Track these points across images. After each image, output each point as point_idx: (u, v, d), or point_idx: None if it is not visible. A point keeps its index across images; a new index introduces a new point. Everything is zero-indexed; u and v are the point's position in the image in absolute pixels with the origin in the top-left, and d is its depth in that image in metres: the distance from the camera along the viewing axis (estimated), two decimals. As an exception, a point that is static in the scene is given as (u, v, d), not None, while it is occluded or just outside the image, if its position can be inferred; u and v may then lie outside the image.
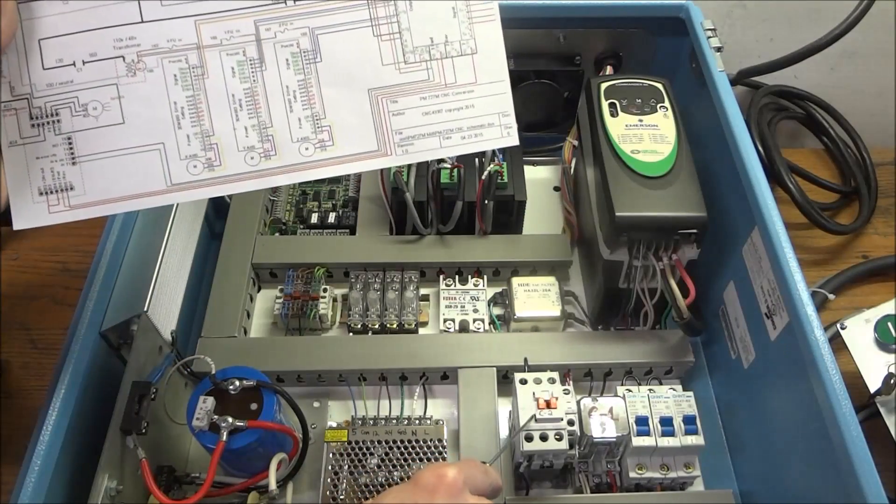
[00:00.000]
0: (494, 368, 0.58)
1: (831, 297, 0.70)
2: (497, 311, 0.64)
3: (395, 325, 0.62)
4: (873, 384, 0.57)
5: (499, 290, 0.65)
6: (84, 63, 0.40)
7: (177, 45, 0.40)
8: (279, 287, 0.64)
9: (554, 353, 0.59)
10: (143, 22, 0.40)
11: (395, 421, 0.57)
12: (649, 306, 0.58)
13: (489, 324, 0.63)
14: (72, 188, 0.40)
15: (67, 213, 0.40)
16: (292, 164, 0.41)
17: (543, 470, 0.53)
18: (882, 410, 0.56)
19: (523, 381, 0.51)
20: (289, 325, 0.63)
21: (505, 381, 0.59)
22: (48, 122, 0.40)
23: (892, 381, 0.55)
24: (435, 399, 0.60)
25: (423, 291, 0.65)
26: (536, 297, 0.62)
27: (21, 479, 0.41)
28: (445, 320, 0.63)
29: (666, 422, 0.51)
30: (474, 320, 0.63)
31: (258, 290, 0.67)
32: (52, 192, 0.40)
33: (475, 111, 0.42)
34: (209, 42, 0.40)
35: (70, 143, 0.40)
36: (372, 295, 0.63)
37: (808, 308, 0.46)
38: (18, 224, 0.39)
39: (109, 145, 0.40)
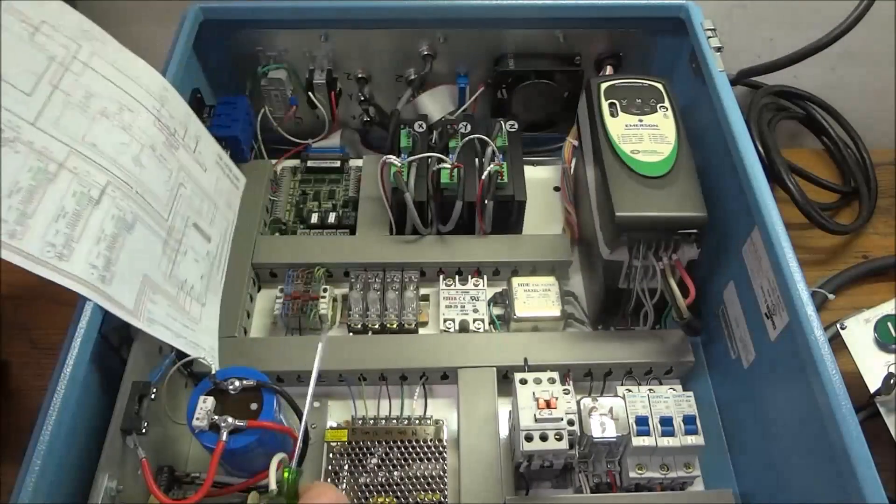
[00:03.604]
0: (494, 368, 0.58)
1: (831, 297, 0.70)
2: (497, 311, 0.64)
3: (395, 325, 0.62)
4: (873, 384, 0.57)
5: (499, 290, 0.65)
6: None
7: (46, 152, 0.46)
8: (279, 287, 0.64)
9: (554, 353, 0.59)
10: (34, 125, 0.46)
11: (395, 421, 0.57)
12: (649, 306, 0.58)
13: (489, 324, 0.63)
14: None
15: None
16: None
17: (543, 470, 0.53)
18: (882, 410, 0.56)
19: (523, 381, 0.51)
20: (289, 325, 0.63)
21: (505, 381, 0.59)
22: None
23: (892, 381, 0.55)
24: (435, 399, 0.60)
25: (423, 291, 0.65)
26: (536, 297, 0.62)
27: (21, 479, 0.40)
28: (445, 320, 0.63)
29: (666, 422, 0.51)
30: (474, 320, 0.63)
31: (258, 290, 0.67)
32: None
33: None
34: (69, 167, 0.47)
35: None
36: (372, 295, 0.63)
37: (808, 308, 0.46)
38: None
39: None
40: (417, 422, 0.57)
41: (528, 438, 0.48)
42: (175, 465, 0.53)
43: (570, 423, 0.49)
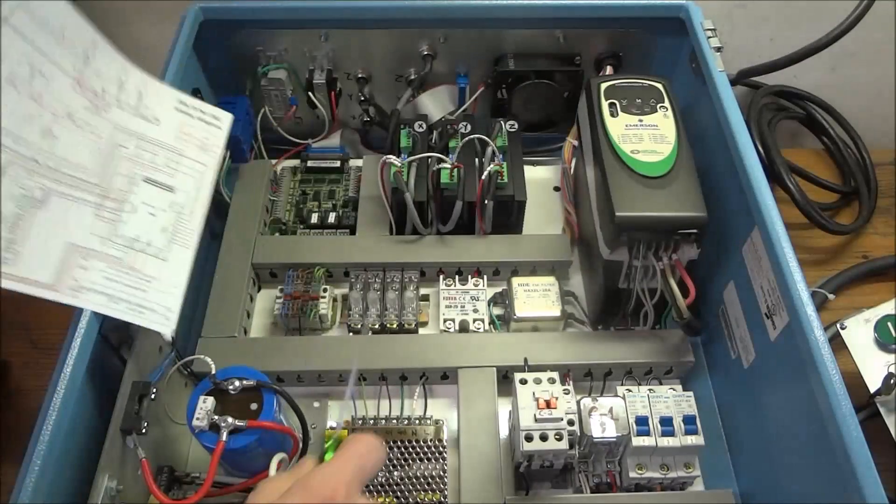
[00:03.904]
0: (494, 368, 0.58)
1: (831, 297, 0.70)
2: (497, 311, 0.64)
3: (395, 325, 0.62)
4: (873, 384, 0.57)
5: (499, 290, 0.65)
6: None
7: None
8: (279, 287, 0.64)
9: (554, 353, 0.59)
10: None
11: (395, 421, 0.57)
12: (649, 306, 0.58)
13: (489, 324, 0.63)
14: None
15: None
16: None
17: (543, 470, 0.53)
18: (882, 410, 0.56)
19: (523, 381, 0.51)
20: (289, 325, 0.63)
21: (505, 381, 0.59)
22: None
23: (891, 381, 0.55)
24: (435, 399, 0.60)
25: (423, 291, 0.65)
26: (536, 297, 0.62)
27: (21, 479, 0.40)
28: (445, 320, 0.63)
29: (666, 422, 0.51)
30: (474, 320, 0.63)
31: (258, 290, 0.67)
32: None
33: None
34: None
35: None
36: (372, 295, 0.63)
37: (808, 308, 0.46)
38: None
39: None
40: (417, 422, 0.57)
41: (528, 438, 0.48)
42: (175, 465, 0.53)
43: (570, 423, 0.49)
